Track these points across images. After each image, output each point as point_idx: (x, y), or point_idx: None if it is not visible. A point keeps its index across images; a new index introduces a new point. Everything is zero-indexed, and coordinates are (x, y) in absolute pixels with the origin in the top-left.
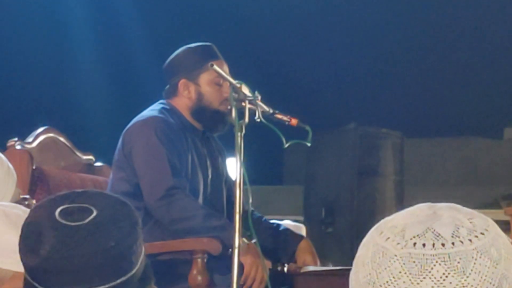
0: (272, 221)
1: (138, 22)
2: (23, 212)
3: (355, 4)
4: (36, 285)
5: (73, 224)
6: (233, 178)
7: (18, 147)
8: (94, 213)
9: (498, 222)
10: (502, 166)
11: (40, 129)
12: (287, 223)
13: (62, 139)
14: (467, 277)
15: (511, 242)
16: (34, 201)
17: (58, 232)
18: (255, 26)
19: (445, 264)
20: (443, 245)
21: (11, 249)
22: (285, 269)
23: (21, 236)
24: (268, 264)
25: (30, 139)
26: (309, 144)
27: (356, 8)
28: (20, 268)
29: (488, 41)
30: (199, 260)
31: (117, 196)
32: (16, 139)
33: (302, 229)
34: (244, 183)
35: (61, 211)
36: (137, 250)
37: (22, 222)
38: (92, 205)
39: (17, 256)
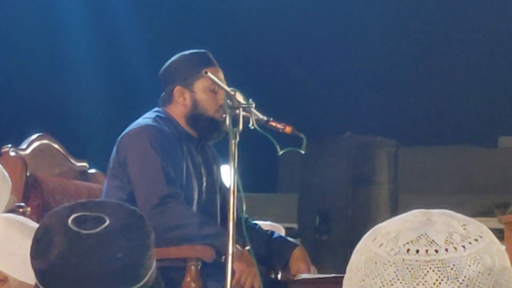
0: (265, 228)
1: (134, 28)
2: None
3: (351, 14)
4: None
5: (83, 232)
6: (227, 186)
7: (12, 153)
8: (106, 223)
9: (492, 230)
10: (496, 174)
11: (34, 136)
12: (264, 223)
13: (56, 145)
14: (461, 283)
15: (505, 249)
16: (29, 209)
17: (67, 238)
18: (250, 34)
19: (439, 271)
20: (436, 251)
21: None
22: (279, 276)
23: (33, 239)
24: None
25: (24, 146)
26: (303, 152)
27: (352, 18)
28: None
29: (483, 50)
30: (193, 267)
31: (133, 208)
32: (10, 145)
33: (281, 230)
34: (238, 191)
35: (74, 218)
36: (146, 263)
37: None
38: (106, 215)
39: None
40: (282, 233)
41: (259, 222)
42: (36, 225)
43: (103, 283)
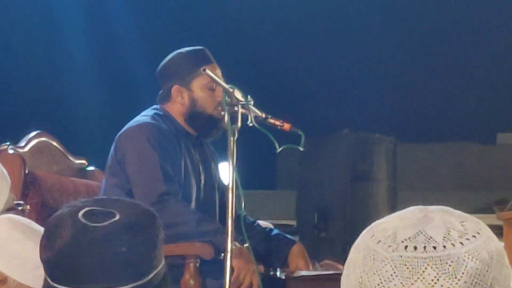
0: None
1: (132, 26)
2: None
3: (348, 11)
4: (48, 278)
5: (91, 224)
6: (226, 183)
7: (10, 151)
8: (115, 218)
9: (491, 226)
10: (495, 171)
11: (33, 133)
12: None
13: (54, 143)
14: (459, 280)
15: (503, 246)
16: (28, 207)
17: (74, 229)
18: (248, 31)
19: (437, 267)
20: (434, 248)
21: (34, 265)
22: (278, 273)
23: (44, 229)
24: (261, 268)
25: (22, 144)
26: (301, 149)
27: (350, 15)
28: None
29: (482, 47)
30: (191, 264)
31: (147, 208)
32: (8, 143)
33: None
34: (237, 188)
35: (86, 211)
36: (150, 262)
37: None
38: (118, 211)
39: (39, 272)
40: None
41: None
42: (40, 228)
43: (104, 276)
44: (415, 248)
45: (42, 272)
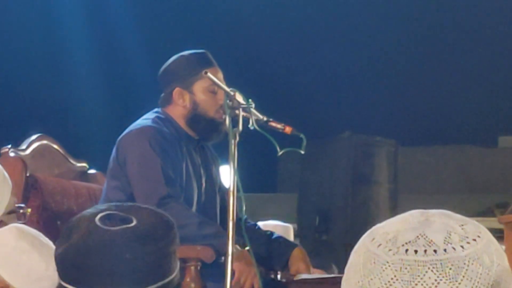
0: (265, 229)
1: (134, 29)
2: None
3: (350, 14)
4: (59, 277)
5: (104, 227)
6: (227, 186)
7: (11, 154)
8: (129, 225)
9: (492, 230)
10: (496, 174)
11: (34, 136)
12: (275, 224)
13: (55, 146)
14: (459, 283)
15: (504, 249)
16: (29, 210)
17: (87, 230)
18: (250, 34)
19: (437, 271)
20: (435, 251)
21: (37, 276)
22: (278, 277)
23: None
24: (262, 271)
25: (23, 146)
26: (302, 152)
27: (351, 18)
28: None
29: (484, 50)
30: (192, 267)
31: (167, 219)
32: (9, 146)
33: (289, 230)
34: (238, 191)
35: (104, 215)
36: (158, 271)
37: (51, 251)
38: (136, 218)
39: (41, 284)
40: (291, 232)
41: (268, 222)
42: (48, 241)
43: (107, 279)
44: (416, 251)
45: (44, 284)
